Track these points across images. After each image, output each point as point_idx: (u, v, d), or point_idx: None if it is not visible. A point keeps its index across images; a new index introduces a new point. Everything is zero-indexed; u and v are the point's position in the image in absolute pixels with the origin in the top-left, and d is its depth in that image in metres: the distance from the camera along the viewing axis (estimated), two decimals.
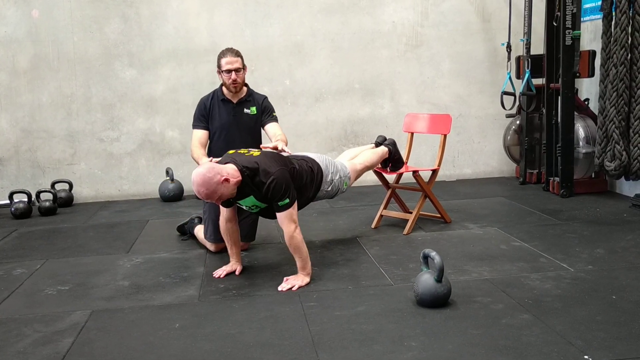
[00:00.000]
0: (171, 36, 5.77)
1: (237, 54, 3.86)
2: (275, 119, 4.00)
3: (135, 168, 5.91)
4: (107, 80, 5.76)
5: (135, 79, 5.79)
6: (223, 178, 3.11)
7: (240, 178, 3.20)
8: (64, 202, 5.60)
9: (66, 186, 5.70)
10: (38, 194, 5.43)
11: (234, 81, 3.82)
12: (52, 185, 5.61)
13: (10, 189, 5.54)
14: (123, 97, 5.80)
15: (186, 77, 5.83)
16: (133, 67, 5.77)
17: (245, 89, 3.97)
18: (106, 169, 5.87)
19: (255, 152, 3.34)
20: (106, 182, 5.89)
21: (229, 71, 3.81)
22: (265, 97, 4.05)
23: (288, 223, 3.27)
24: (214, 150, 3.92)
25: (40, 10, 5.61)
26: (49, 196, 5.45)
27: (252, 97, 3.97)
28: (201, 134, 3.92)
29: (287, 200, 3.24)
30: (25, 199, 5.32)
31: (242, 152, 3.36)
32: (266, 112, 3.99)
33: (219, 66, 3.86)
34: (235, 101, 3.93)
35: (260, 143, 4.04)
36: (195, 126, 3.96)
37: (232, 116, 3.90)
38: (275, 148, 3.59)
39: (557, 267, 3.46)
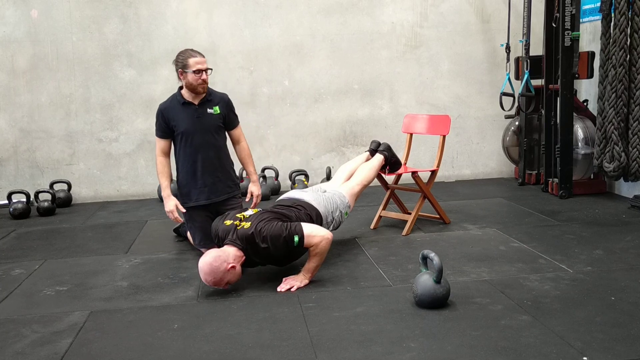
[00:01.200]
0: (170, 36, 5.76)
1: (202, 55, 3.79)
2: (238, 122, 4.00)
3: (134, 168, 5.90)
4: (106, 80, 5.75)
5: (134, 79, 5.79)
6: (230, 266, 3.17)
7: (244, 257, 3.26)
8: (62, 203, 5.60)
9: (65, 186, 5.69)
10: (37, 194, 5.43)
11: (204, 81, 3.74)
12: (51, 185, 5.61)
13: (8, 189, 5.53)
14: (122, 97, 5.79)
15: None
16: (132, 67, 5.77)
17: None
18: (105, 169, 5.87)
19: (246, 224, 3.28)
20: (105, 182, 5.88)
21: (199, 71, 3.70)
22: (227, 95, 3.97)
23: (315, 240, 3.27)
24: (182, 154, 3.86)
25: (39, 10, 5.60)
26: (48, 196, 5.44)
27: (212, 96, 3.88)
28: (163, 144, 3.86)
29: (297, 238, 3.23)
30: (24, 199, 5.32)
31: (236, 223, 3.32)
32: (232, 113, 3.95)
33: (184, 66, 3.72)
34: (197, 103, 3.82)
35: (225, 142, 3.96)
36: (157, 134, 3.87)
37: (196, 118, 3.79)
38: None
39: (556, 268, 3.46)
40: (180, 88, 3.87)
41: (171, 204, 3.81)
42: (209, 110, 3.83)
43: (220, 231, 3.37)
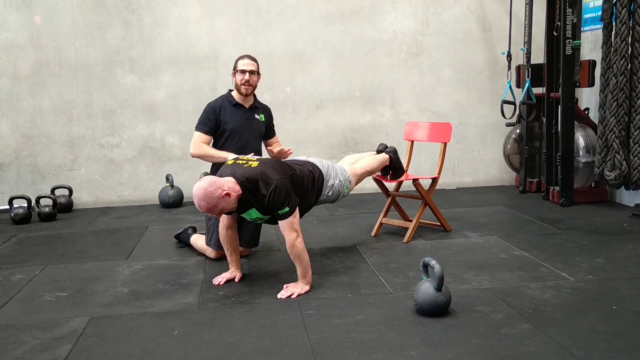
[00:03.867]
0: (172, 43, 5.78)
1: (255, 59, 3.99)
2: (275, 133, 4.21)
3: (135, 174, 5.91)
4: (108, 86, 5.77)
5: (136, 85, 5.80)
6: (224, 192, 3.13)
7: (240, 192, 3.21)
8: (63, 208, 5.60)
9: (66, 192, 5.70)
10: (38, 199, 5.43)
11: (247, 82, 3.90)
12: (52, 190, 5.61)
13: (10, 194, 5.54)
14: (124, 103, 5.81)
15: (187, 84, 5.84)
16: (134, 73, 5.78)
17: (252, 96, 4.04)
18: (106, 174, 5.87)
19: (253, 163, 3.33)
20: (106, 188, 5.89)
21: (243, 71, 3.89)
22: (270, 108, 4.17)
23: (289, 231, 3.26)
24: (222, 150, 3.92)
25: (43, 16, 5.62)
26: (49, 202, 5.45)
27: (259, 105, 4.08)
28: (205, 138, 3.92)
29: (287, 209, 3.23)
30: (25, 205, 5.32)
31: (240, 162, 3.36)
32: (272, 124, 4.15)
33: (234, 67, 3.95)
34: (247, 106, 3.99)
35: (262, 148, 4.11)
36: (199, 129, 3.92)
37: (245, 120, 3.95)
38: (281, 152, 3.74)
39: (557, 276, 3.45)
40: (230, 91, 4.03)
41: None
42: (256, 116, 4.01)
43: (223, 171, 3.34)
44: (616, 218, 4.73)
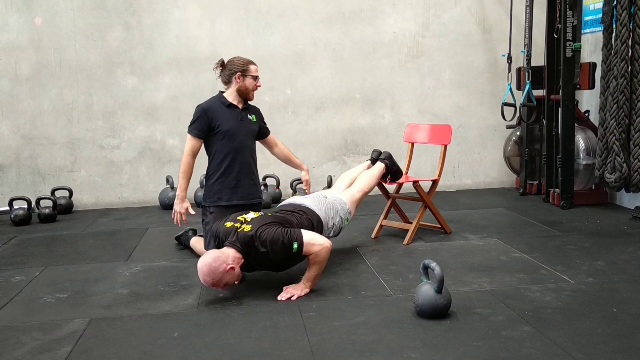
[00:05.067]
0: (173, 44, 5.79)
1: None
2: (269, 130, 4.23)
3: (135, 176, 5.91)
4: (108, 87, 5.77)
5: (137, 86, 5.80)
6: (229, 267, 3.16)
7: (243, 260, 3.25)
8: (63, 209, 5.60)
9: (66, 193, 5.69)
10: (38, 200, 5.43)
11: (257, 87, 3.97)
12: (52, 192, 5.61)
13: (10, 195, 5.53)
14: (124, 104, 5.81)
15: (187, 86, 5.84)
16: (134, 75, 5.79)
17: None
18: (106, 176, 5.87)
19: (246, 227, 3.28)
20: (106, 189, 5.88)
21: (256, 77, 3.94)
22: (259, 109, 4.17)
23: (314, 248, 3.27)
24: (220, 154, 3.89)
25: (43, 17, 5.63)
26: (49, 203, 5.44)
27: (249, 106, 4.06)
28: (196, 144, 3.88)
29: (296, 244, 3.22)
30: (25, 206, 5.31)
31: (236, 225, 3.33)
32: (263, 122, 4.15)
33: (245, 71, 3.90)
34: (240, 107, 3.98)
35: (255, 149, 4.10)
36: (191, 132, 3.88)
37: (239, 120, 3.94)
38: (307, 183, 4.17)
39: (558, 279, 3.45)
40: (222, 92, 3.97)
41: (184, 205, 3.86)
42: (249, 116, 4.00)
43: (221, 233, 3.36)
44: (616, 220, 4.73)
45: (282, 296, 3.28)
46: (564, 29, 5.04)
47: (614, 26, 4.58)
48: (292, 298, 3.26)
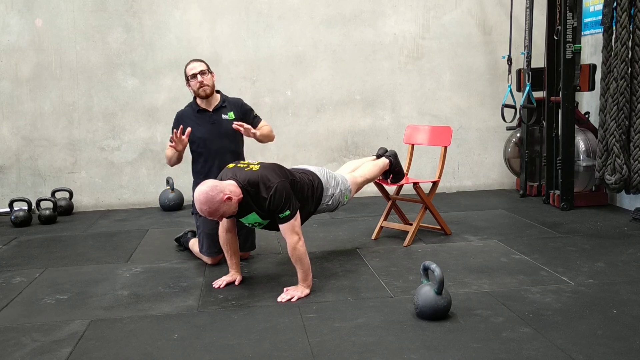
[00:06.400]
0: (173, 46, 5.79)
1: (201, 60, 3.93)
2: (259, 118, 4.04)
3: (135, 177, 5.91)
4: (109, 89, 5.78)
5: (137, 88, 5.81)
6: (226, 196, 3.13)
7: (241, 195, 3.21)
8: (64, 211, 5.60)
9: (66, 195, 5.70)
10: (38, 202, 5.43)
11: (201, 83, 3.83)
12: (53, 193, 5.61)
13: (10, 196, 5.54)
14: (125, 106, 5.81)
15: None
16: (135, 76, 5.79)
17: (218, 95, 3.97)
18: (107, 177, 5.87)
19: (254, 167, 3.33)
20: (106, 190, 5.89)
21: (194, 75, 3.82)
22: (241, 99, 4.05)
23: (290, 235, 3.26)
24: (198, 161, 3.92)
25: (44, 19, 5.63)
26: (49, 204, 5.45)
27: (227, 103, 3.96)
28: (170, 149, 3.85)
29: (288, 212, 3.23)
30: (26, 207, 5.32)
31: (241, 166, 3.36)
32: (249, 115, 3.98)
33: (186, 77, 3.89)
34: (211, 109, 3.91)
35: (242, 148, 4.04)
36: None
37: (211, 124, 3.88)
38: (248, 130, 3.68)
39: (558, 280, 3.45)
40: (195, 97, 3.95)
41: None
42: (224, 117, 3.90)
43: (224, 173, 3.34)
44: (617, 222, 4.73)
45: (283, 297, 3.28)
46: (564, 31, 5.04)
47: (614, 28, 4.58)
48: (293, 299, 3.26)
